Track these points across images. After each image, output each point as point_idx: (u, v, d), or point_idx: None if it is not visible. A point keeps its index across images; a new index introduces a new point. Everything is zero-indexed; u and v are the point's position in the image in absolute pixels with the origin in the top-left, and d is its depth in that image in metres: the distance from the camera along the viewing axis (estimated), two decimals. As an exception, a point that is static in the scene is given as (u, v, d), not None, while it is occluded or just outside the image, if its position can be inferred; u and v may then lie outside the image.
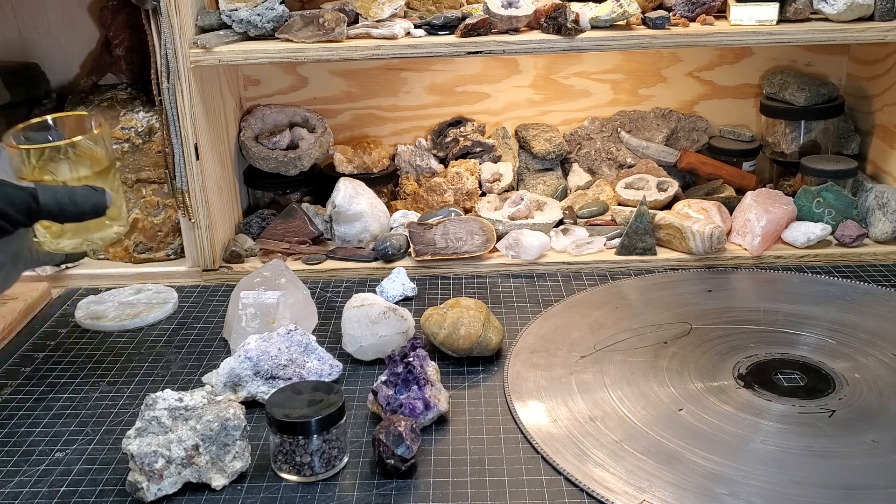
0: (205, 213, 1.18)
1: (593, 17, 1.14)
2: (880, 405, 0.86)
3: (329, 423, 0.77)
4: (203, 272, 1.21)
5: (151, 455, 0.75)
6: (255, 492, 0.77)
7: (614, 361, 0.96)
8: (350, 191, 1.24)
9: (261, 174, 1.34)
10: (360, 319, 0.97)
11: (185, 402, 0.78)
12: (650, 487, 0.75)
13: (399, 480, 0.78)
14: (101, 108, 1.21)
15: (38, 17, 1.29)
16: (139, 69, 1.24)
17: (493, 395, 0.91)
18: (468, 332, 0.95)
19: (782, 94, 1.36)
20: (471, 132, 1.40)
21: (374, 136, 1.46)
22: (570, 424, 0.85)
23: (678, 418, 0.85)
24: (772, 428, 0.83)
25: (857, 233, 1.20)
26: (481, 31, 1.14)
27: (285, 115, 1.38)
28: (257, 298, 1.00)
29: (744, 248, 1.20)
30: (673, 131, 1.42)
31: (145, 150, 1.21)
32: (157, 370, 0.98)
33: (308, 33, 1.14)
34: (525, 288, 1.15)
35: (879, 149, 1.35)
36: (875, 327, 1.01)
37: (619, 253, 1.20)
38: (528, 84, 1.44)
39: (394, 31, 1.13)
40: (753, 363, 0.94)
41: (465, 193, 1.33)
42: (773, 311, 1.05)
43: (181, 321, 1.10)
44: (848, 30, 1.13)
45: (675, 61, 1.43)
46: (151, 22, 1.09)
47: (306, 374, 0.92)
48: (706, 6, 1.18)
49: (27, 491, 0.78)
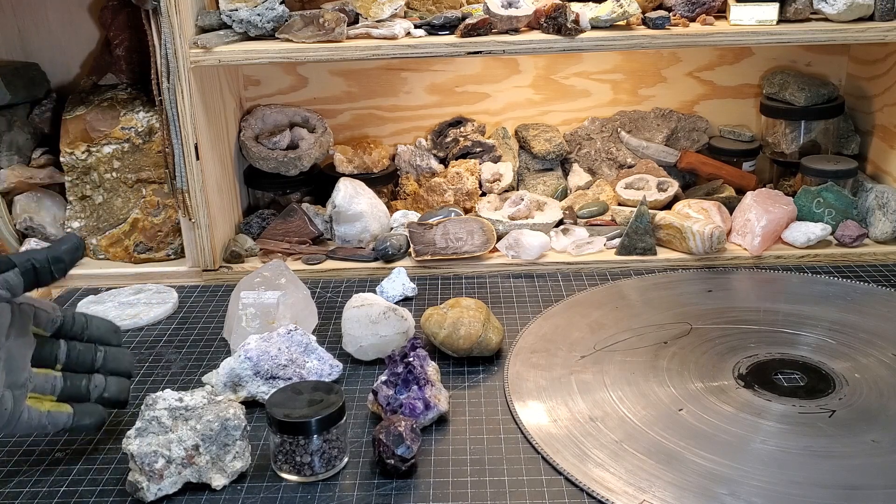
0: (205, 213, 1.18)
1: (593, 17, 1.14)
2: (880, 405, 0.86)
3: (329, 423, 0.77)
4: (203, 272, 1.21)
5: (151, 455, 0.75)
6: (255, 492, 0.77)
7: (614, 361, 0.95)
8: (350, 191, 1.24)
9: (261, 174, 1.34)
10: (360, 319, 0.97)
11: (185, 402, 0.78)
12: (650, 487, 0.75)
13: (399, 480, 0.78)
14: (101, 107, 1.22)
15: (38, 17, 1.29)
16: (139, 69, 1.24)
17: (493, 395, 0.91)
18: (468, 332, 0.95)
19: (782, 94, 1.36)
20: (471, 132, 1.40)
21: (374, 136, 1.46)
22: (570, 424, 0.85)
23: (678, 418, 0.85)
24: (772, 428, 0.83)
25: (857, 233, 1.20)
26: (481, 31, 1.14)
27: (285, 115, 1.38)
28: (257, 298, 1.00)
29: (744, 248, 1.20)
30: (673, 131, 1.42)
31: (145, 150, 1.21)
32: (157, 370, 0.98)
33: (308, 33, 1.14)
34: (525, 288, 1.15)
35: (879, 149, 1.35)
36: (875, 327, 1.01)
37: (619, 253, 1.20)
38: (528, 84, 1.44)
39: (394, 31, 1.13)
40: (753, 363, 0.94)
41: (465, 193, 1.33)
42: (773, 311, 1.05)
43: (181, 321, 1.10)
44: (848, 30, 1.13)
45: (675, 61, 1.43)
46: (151, 22, 1.09)
47: (306, 374, 0.92)
48: (706, 6, 1.18)
49: (27, 491, 0.78)
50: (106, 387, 0.83)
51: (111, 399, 0.83)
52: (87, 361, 0.83)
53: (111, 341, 0.86)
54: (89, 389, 0.82)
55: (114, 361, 0.85)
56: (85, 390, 0.82)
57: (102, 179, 1.22)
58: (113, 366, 0.85)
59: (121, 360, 0.85)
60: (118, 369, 0.85)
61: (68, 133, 1.22)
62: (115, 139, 1.20)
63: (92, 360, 0.84)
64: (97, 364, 0.84)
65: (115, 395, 0.84)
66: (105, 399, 0.83)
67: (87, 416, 0.81)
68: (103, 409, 0.83)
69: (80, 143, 1.21)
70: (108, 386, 0.83)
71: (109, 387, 0.83)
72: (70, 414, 0.80)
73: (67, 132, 1.22)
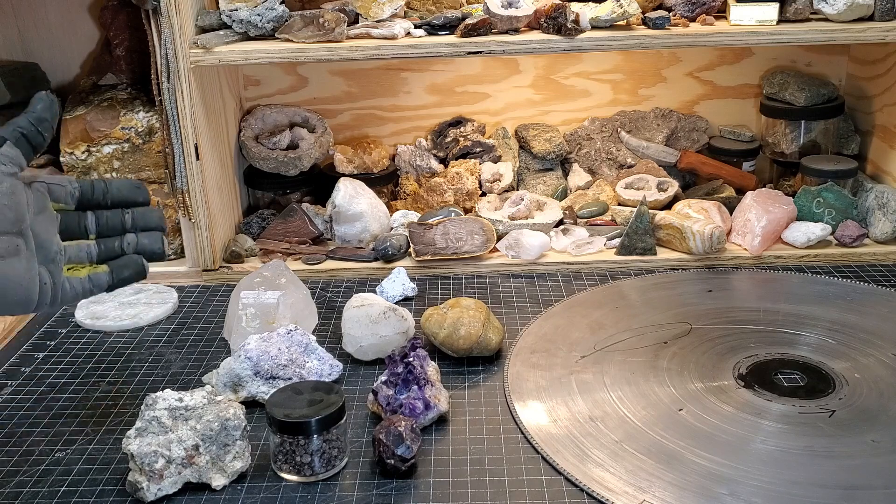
0: (205, 213, 1.18)
1: (593, 17, 1.14)
2: (880, 405, 0.86)
3: (329, 423, 0.77)
4: (203, 272, 1.21)
5: (151, 455, 0.75)
6: (255, 492, 0.77)
7: (614, 361, 0.95)
8: (350, 191, 1.24)
9: (261, 174, 1.34)
10: (360, 319, 0.97)
11: (185, 402, 0.78)
12: (650, 487, 0.75)
13: (399, 480, 0.78)
14: (101, 108, 1.22)
15: (38, 17, 1.29)
16: (139, 69, 1.24)
17: (493, 395, 0.91)
18: (468, 332, 0.95)
19: (782, 94, 1.36)
20: (471, 132, 1.40)
21: (374, 136, 1.46)
22: (570, 424, 0.85)
23: (678, 418, 0.85)
24: (772, 428, 0.83)
25: (857, 233, 1.20)
26: (481, 31, 1.14)
27: (285, 115, 1.38)
28: (257, 298, 1.00)
29: (744, 248, 1.20)
30: (673, 131, 1.42)
31: (145, 150, 1.21)
32: (157, 370, 0.98)
33: (308, 33, 1.14)
34: (525, 288, 1.15)
35: (879, 149, 1.35)
36: (875, 327, 1.01)
37: (619, 253, 1.20)
38: (528, 84, 1.44)
39: (394, 31, 1.13)
40: (753, 363, 0.94)
41: (465, 193, 1.33)
42: (773, 311, 1.05)
43: (181, 321, 1.10)
44: (848, 30, 1.13)
45: (675, 61, 1.43)
46: (151, 22, 1.09)
47: (306, 374, 0.92)
48: (706, 6, 1.18)
49: (27, 491, 0.78)
50: (139, 241, 0.84)
51: (146, 250, 0.84)
52: (116, 225, 0.83)
53: (137, 199, 0.86)
54: (123, 248, 0.82)
55: (143, 219, 0.85)
56: (119, 250, 0.82)
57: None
58: (143, 223, 0.85)
59: (150, 217, 0.85)
60: (149, 225, 0.85)
61: (68, 133, 1.22)
62: (115, 139, 1.20)
63: (121, 223, 0.83)
64: (127, 225, 0.84)
65: (149, 247, 0.84)
66: (140, 251, 0.83)
67: (125, 269, 0.81)
68: (141, 258, 0.83)
69: (80, 143, 1.21)
70: (140, 239, 0.84)
71: (142, 240, 0.84)
72: (108, 272, 0.80)
73: (67, 132, 1.22)
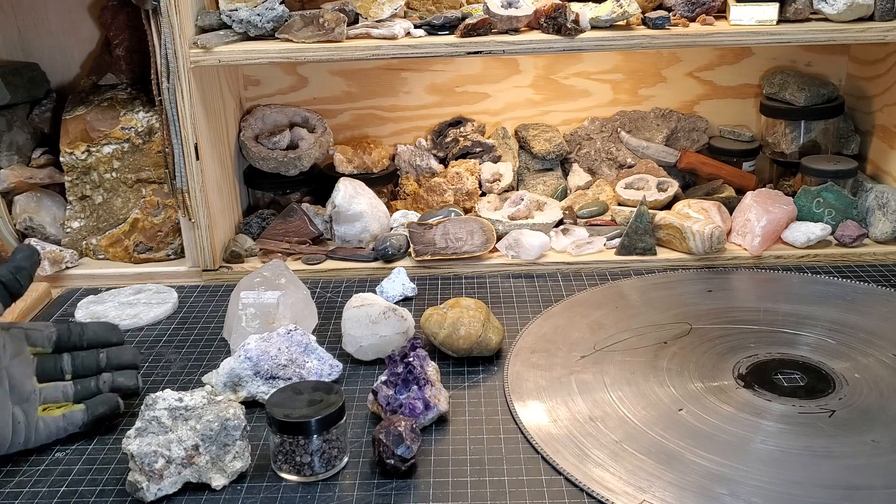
0: (205, 213, 1.18)
1: (593, 17, 1.14)
2: (880, 405, 0.86)
3: (329, 423, 0.77)
4: (203, 272, 1.21)
5: (151, 455, 0.75)
6: (255, 492, 0.77)
7: (614, 361, 0.95)
8: (350, 191, 1.24)
9: (261, 174, 1.34)
10: (360, 319, 0.97)
11: (185, 402, 0.78)
12: (650, 487, 0.75)
13: (399, 480, 0.78)
14: (101, 108, 1.22)
15: (38, 17, 1.29)
16: (139, 69, 1.24)
17: (493, 395, 0.91)
18: (468, 332, 0.95)
19: (782, 94, 1.36)
20: (471, 132, 1.40)
21: (374, 136, 1.46)
22: (570, 424, 0.85)
23: (678, 418, 0.85)
24: (772, 428, 0.83)
25: (857, 233, 1.20)
26: (481, 31, 1.14)
27: (285, 115, 1.38)
28: (257, 298, 1.00)
29: (744, 248, 1.20)
30: (673, 131, 1.42)
31: (145, 150, 1.21)
32: (157, 370, 0.98)
33: (308, 33, 1.14)
34: (525, 288, 1.15)
35: (879, 149, 1.35)
36: (875, 327, 1.01)
37: (619, 253, 1.20)
38: (528, 84, 1.44)
39: (394, 31, 1.13)
40: (753, 363, 0.94)
41: (465, 193, 1.33)
42: (773, 311, 1.05)
43: (181, 321, 1.10)
44: (848, 30, 1.13)
45: (675, 61, 1.43)
46: (151, 22, 1.09)
47: (306, 374, 0.92)
48: (706, 6, 1.18)
49: (27, 491, 0.78)
50: (114, 379, 0.88)
51: (121, 387, 0.88)
52: (92, 365, 0.88)
53: (111, 340, 0.91)
54: (99, 387, 0.87)
55: (117, 357, 0.90)
56: (95, 389, 0.87)
57: (102, 179, 1.22)
58: (117, 361, 0.90)
59: (123, 355, 0.90)
60: (123, 364, 0.90)
61: (68, 133, 1.22)
62: (114, 139, 1.20)
63: (96, 362, 0.89)
64: (102, 364, 0.89)
65: (124, 384, 0.88)
66: (116, 388, 0.87)
67: (101, 406, 0.85)
68: (116, 396, 0.86)
69: (80, 143, 1.21)
70: (115, 377, 0.88)
71: (117, 378, 0.88)
72: (84, 410, 0.84)
73: (67, 132, 1.22)
